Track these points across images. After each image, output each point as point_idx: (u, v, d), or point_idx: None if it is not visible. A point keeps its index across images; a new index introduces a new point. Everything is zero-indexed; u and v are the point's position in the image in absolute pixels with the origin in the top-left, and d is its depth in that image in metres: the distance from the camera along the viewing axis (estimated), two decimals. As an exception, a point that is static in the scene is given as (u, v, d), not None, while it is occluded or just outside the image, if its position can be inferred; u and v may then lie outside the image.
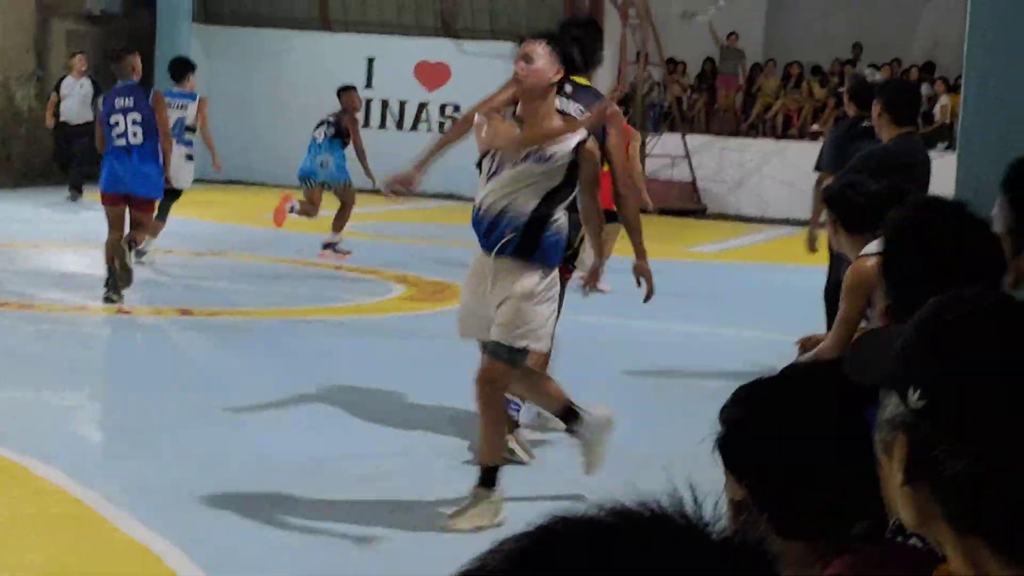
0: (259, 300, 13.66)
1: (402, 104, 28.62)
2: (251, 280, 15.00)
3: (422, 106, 28.40)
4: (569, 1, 27.71)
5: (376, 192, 11.01)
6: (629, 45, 28.25)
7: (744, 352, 10.78)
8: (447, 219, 23.43)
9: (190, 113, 16.45)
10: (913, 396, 1.84)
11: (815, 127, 28.94)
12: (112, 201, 13.30)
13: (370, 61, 28.56)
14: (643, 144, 27.30)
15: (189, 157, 16.21)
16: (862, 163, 8.73)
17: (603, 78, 28.46)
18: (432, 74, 28.21)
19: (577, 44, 8.63)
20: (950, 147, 20.31)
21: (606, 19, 29.02)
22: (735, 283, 16.92)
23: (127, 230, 13.25)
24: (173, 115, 15.09)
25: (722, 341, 12.56)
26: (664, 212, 25.22)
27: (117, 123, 13.43)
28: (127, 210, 13.27)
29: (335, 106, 18.13)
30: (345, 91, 18.38)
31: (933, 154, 10.60)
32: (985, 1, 5.11)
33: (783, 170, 25.09)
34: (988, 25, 5.09)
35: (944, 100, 26.98)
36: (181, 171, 15.69)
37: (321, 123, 18.02)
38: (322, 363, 10.71)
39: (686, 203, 26.92)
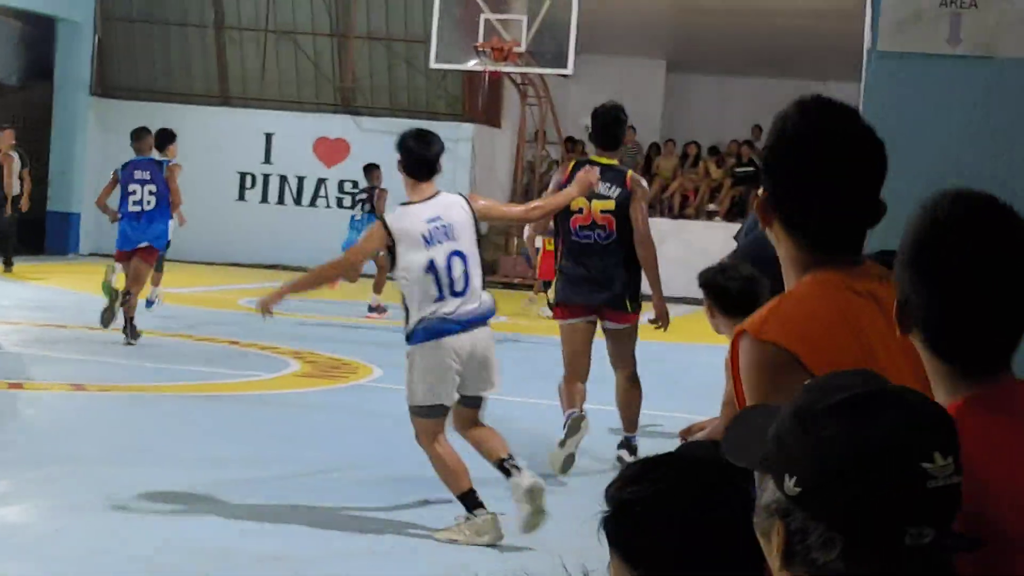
0: (154, 375, 13.53)
1: (300, 180, 28.59)
2: (147, 356, 14.86)
3: (320, 181, 28.39)
4: (468, 80, 27.85)
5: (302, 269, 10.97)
6: (528, 124, 28.41)
7: (643, 431, 10.79)
8: (342, 295, 23.37)
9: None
10: (789, 483, 1.85)
11: (712, 206, 29.21)
12: (124, 258, 16.09)
13: (268, 136, 28.53)
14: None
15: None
16: (747, 249, 8.79)
17: (501, 155, 28.64)
18: (331, 150, 28.23)
19: (603, 130, 10.53)
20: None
21: (505, 97, 29.23)
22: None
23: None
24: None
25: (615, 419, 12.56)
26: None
27: (135, 192, 16.31)
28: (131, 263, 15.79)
29: (233, 180, 18.39)
30: (372, 169, 21.62)
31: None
32: (878, 87, 5.19)
33: (680, 249, 25.23)
34: (880, 112, 5.17)
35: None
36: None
37: (357, 201, 21.91)
38: (219, 438, 10.61)
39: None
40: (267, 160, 28.58)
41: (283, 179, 28.61)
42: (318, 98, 28.81)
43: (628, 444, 10.56)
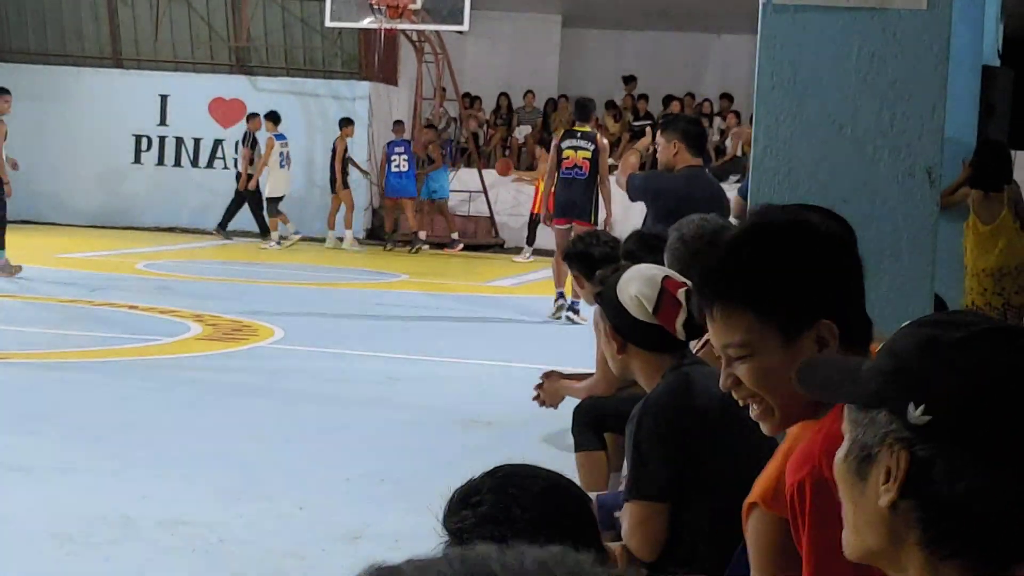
0: (53, 342, 13.40)
1: (197, 141, 28.34)
2: (43, 322, 14.71)
3: (217, 143, 28.16)
4: (363, 39, 27.70)
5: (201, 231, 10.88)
6: (425, 81, 28.33)
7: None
8: (244, 257, 23.25)
9: None
10: (915, 412, 1.82)
11: (610, 161, 29.23)
12: None
13: (163, 98, 28.25)
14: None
15: None
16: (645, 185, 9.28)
17: (399, 113, 28.54)
18: (227, 111, 27.99)
19: (578, 108, 17.60)
20: (741, 180, 20.65)
21: (402, 55, 29.12)
22: (535, 317, 17.02)
23: None
24: None
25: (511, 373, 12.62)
26: (463, 248, 25.35)
27: None
28: None
29: (128, 142, 18.35)
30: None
31: (725, 186, 10.99)
32: (774, 41, 5.21)
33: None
34: (777, 65, 5.19)
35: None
36: None
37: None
38: (121, 405, 10.53)
39: (484, 237, 27.04)
40: (163, 122, 28.29)
41: (179, 141, 28.35)
42: (213, 59, 28.55)
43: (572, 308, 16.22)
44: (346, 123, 25.90)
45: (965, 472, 1.79)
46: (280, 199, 25.32)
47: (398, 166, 25.85)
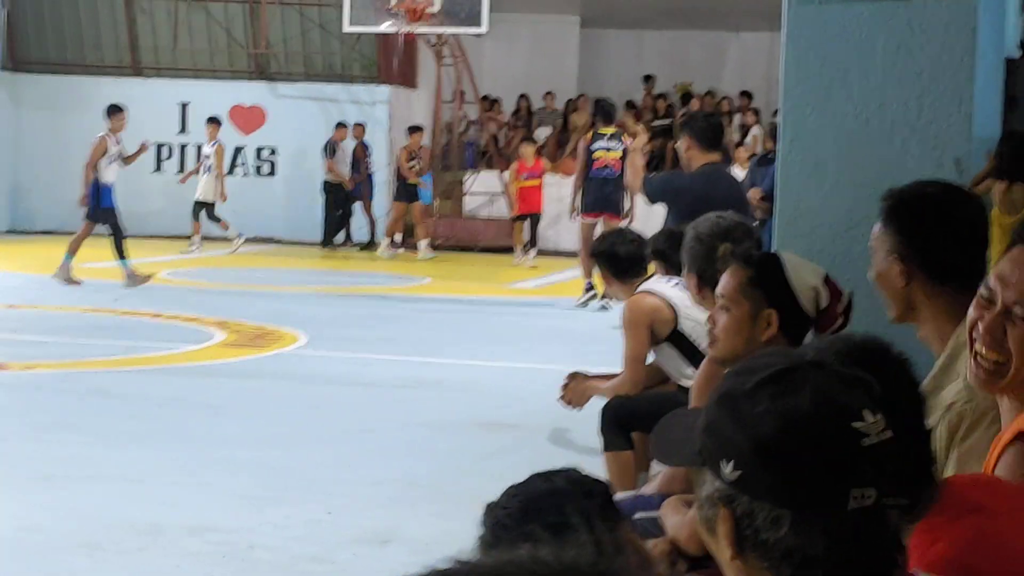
0: (78, 351, 13.40)
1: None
2: (69, 332, 14.72)
3: (238, 150, 28.17)
4: (382, 43, 27.70)
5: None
6: (444, 84, 28.31)
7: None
8: (264, 263, 23.27)
9: None
10: (726, 468, 1.85)
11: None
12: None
13: (183, 106, 28.27)
14: (461, 182, 27.46)
15: None
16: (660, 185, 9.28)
17: (418, 117, 28.54)
18: (247, 117, 28.00)
19: (602, 111, 18.95)
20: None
21: (420, 59, 29.11)
22: (559, 319, 16.99)
23: None
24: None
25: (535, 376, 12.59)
26: (484, 250, 25.32)
27: None
28: None
29: (148, 153, 18.39)
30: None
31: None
32: (800, 34, 5.17)
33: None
34: (803, 58, 5.16)
35: (756, 130, 27.43)
36: None
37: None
38: (146, 412, 10.52)
39: (505, 240, 27.00)
40: (183, 130, 28.32)
41: (199, 148, 28.36)
42: (232, 66, 28.56)
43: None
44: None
45: (781, 519, 1.82)
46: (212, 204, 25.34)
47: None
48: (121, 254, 18.54)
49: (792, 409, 1.83)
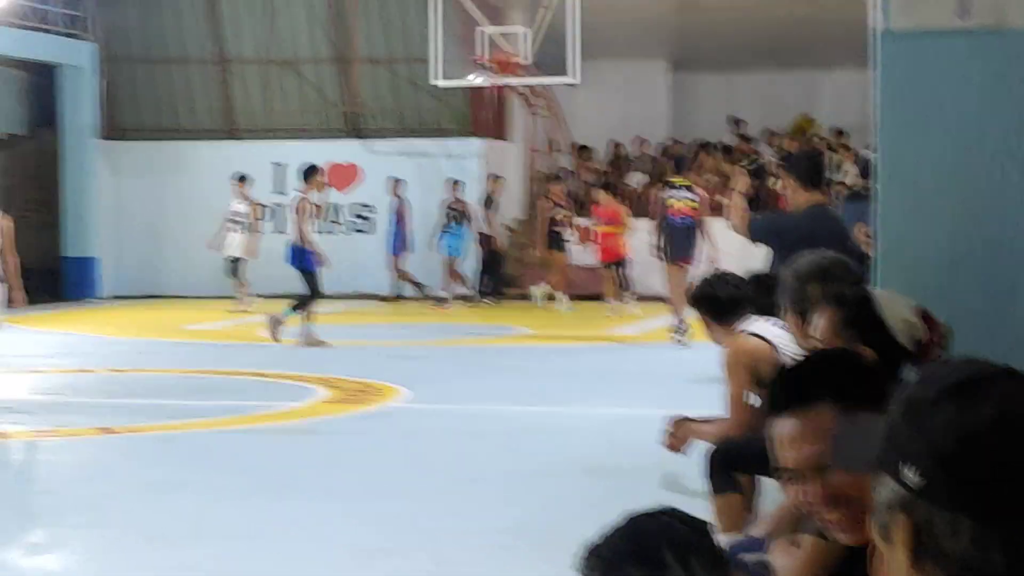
0: (182, 412, 13.51)
1: (314, 207, 28.53)
2: (173, 393, 14.86)
3: (335, 208, 28.36)
4: (473, 96, 27.83)
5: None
6: (537, 134, 28.39)
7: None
8: (363, 319, 23.39)
9: None
10: (909, 474, 1.82)
11: (724, 201, 29.05)
12: None
13: (279, 166, 28.53)
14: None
15: None
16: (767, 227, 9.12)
17: (512, 168, 28.63)
18: (342, 175, 28.21)
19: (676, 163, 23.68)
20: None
21: (511, 110, 29.22)
22: (659, 364, 16.94)
23: None
24: None
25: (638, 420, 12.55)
26: (583, 297, 25.28)
27: None
28: None
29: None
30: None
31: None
32: (893, 69, 5.15)
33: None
34: (898, 93, 5.13)
35: (849, 166, 27.24)
36: None
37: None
38: (252, 471, 10.59)
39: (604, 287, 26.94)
40: (279, 190, 28.57)
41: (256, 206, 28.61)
42: (325, 124, 28.80)
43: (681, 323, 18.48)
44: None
45: (962, 529, 1.78)
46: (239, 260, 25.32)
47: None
48: (307, 315, 18.69)
49: (979, 418, 1.80)
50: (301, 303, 18.80)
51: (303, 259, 18.87)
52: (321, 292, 19.03)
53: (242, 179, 25.49)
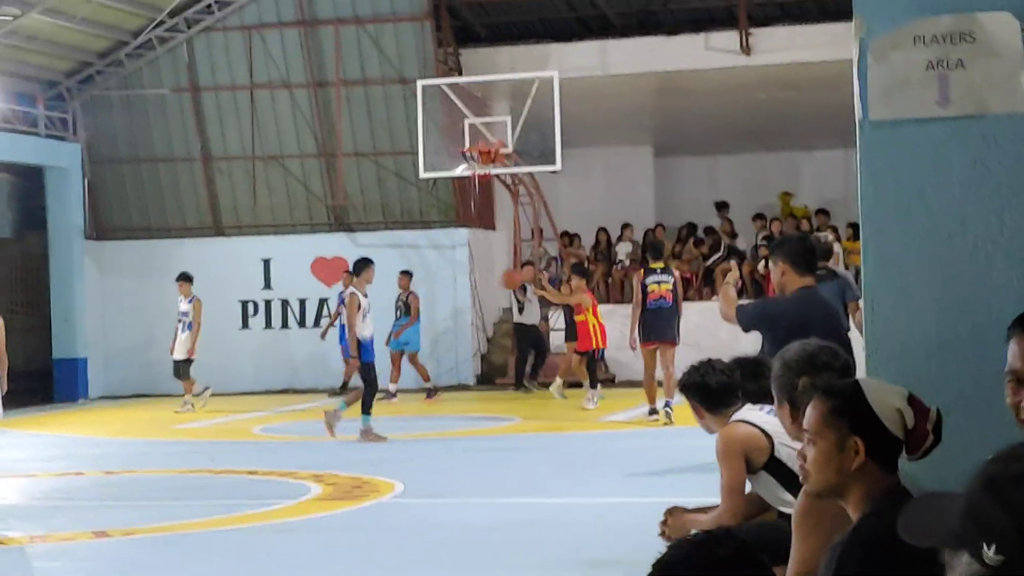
0: (176, 513, 13.46)
1: (302, 302, 28.62)
2: (166, 495, 14.80)
3: (322, 301, 28.40)
4: (458, 187, 27.94)
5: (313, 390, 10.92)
6: (522, 222, 28.49)
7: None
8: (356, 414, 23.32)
9: None
10: (989, 552, 1.83)
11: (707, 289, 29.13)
12: None
13: (266, 262, 28.58)
14: (546, 319, 27.41)
15: None
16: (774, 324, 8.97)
17: (498, 256, 28.70)
18: (329, 269, 28.25)
19: (652, 248, 20.92)
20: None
21: (497, 199, 29.34)
22: (647, 450, 16.91)
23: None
24: None
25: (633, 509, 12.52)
26: (571, 385, 25.23)
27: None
28: None
29: (235, 308, 18.43)
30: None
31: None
32: (874, 156, 5.19)
33: (686, 332, 25.26)
34: (879, 179, 5.17)
35: (838, 248, 27.30)
36: None
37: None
38: (247, 570, 10.54)
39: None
40: (267, 286, 28.61)
41: (285, 303, 28.64)
42: (312, 219, 28.88)
43: (667, 406, 19.50)
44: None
45: None
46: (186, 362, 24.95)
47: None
48: (366, 409, 18.59)
49: None
50: (367, 399, 18.62)
51: (360, 352, 18.62)
52: (376, 385, 18.82)
53: (184, 278, 25.09)
